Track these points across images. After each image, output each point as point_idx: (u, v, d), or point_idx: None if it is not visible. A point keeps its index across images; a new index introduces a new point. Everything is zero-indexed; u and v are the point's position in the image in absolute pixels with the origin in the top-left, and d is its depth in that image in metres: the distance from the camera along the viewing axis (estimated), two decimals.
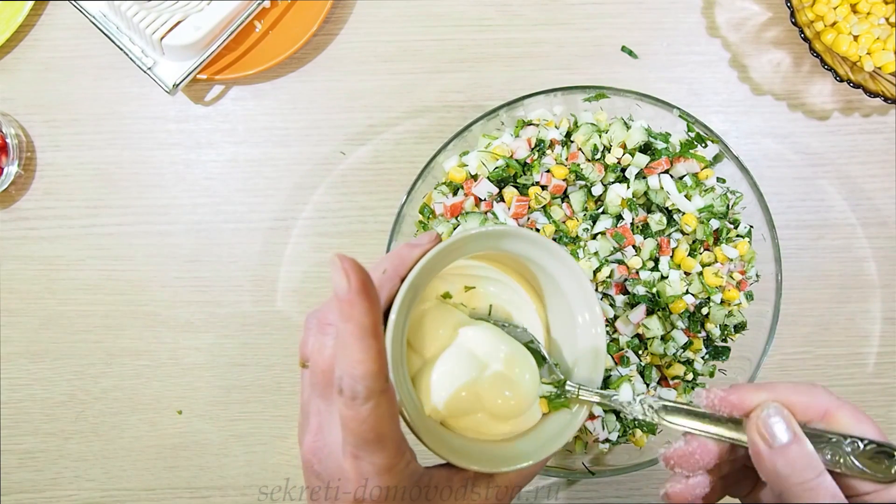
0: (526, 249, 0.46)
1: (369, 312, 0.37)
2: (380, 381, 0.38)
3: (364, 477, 0.41)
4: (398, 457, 0.41)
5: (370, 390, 0.38)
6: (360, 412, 0.38)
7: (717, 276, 0.63)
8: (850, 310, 0.71)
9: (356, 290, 0.36)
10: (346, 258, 0.37)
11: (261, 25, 0.70)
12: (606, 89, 0.63)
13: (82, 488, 0.72)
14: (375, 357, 0.37)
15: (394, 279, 0.43)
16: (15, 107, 0.72)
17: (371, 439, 0.40)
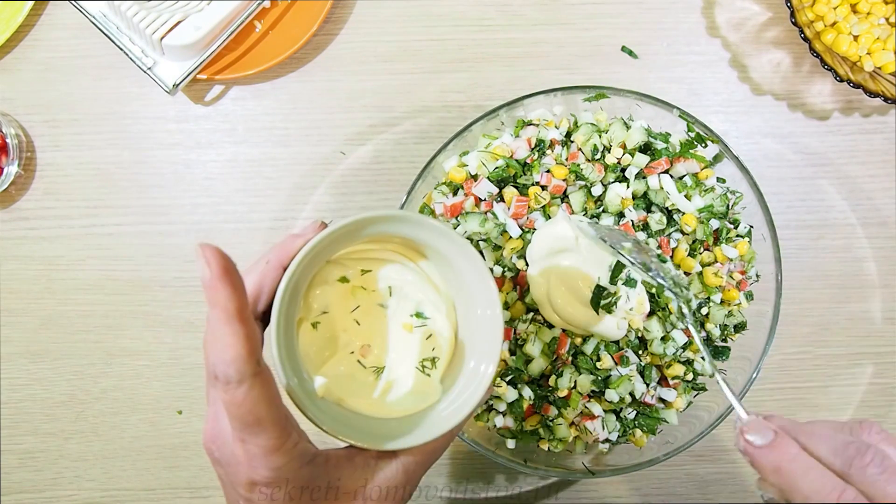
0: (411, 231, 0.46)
1: (233, 297, 0.38)
2: (251, 363, 0.39)
3: (252, 459, 0.42)
4: (282, 437, 0.41)
5: (241, 373, 0.39)
6: (236, 396, 0.39)
7: (717, 276, 0.63)
8: (850, 310, 0.71)
9: (217, 276, 0.38)
10: (207, 246, 0.38)
11: (261, 25, 0.70)
12: (606, 89, 0.63)
13: (82, 488, 0.72)
14: (244, 341, 0.38)
15: (277, 269, 0.44)
16: (15, 107, 0.72)
17: (250, 422, 0.40)
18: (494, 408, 0.65)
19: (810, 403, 0.71)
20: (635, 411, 0.65)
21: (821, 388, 0.71)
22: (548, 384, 0.63)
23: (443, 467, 0.72)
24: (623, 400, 0.63)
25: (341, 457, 0.46)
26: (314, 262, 0.45)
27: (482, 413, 0.65)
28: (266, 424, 0.41)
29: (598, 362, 0.62)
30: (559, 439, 0.65)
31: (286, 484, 0.43)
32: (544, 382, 0.64)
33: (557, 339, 0.62)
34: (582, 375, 0.62)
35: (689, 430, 0.64)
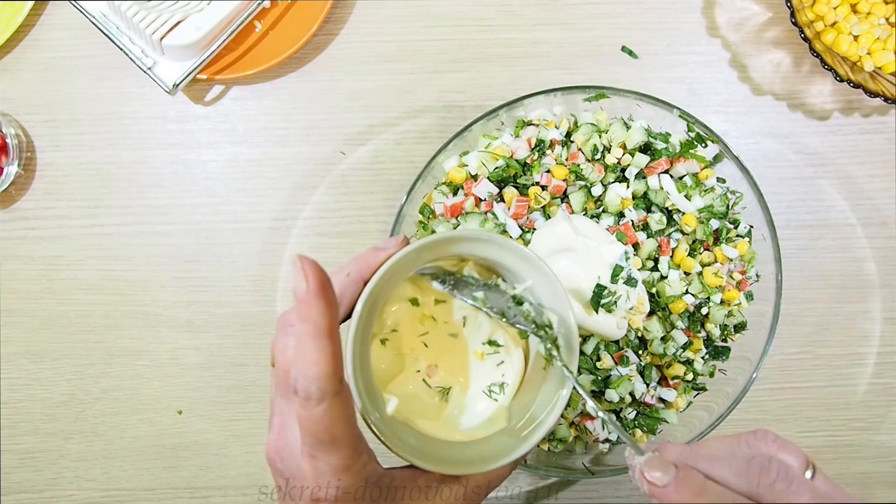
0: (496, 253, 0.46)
1: (325, 314, 0.37)
2: (333, 382, 0.38)
3: (320, 476, 0.41)
4: (354, 457, 0.41)
5: (323, 391, 0.38)
6: (314, 413, 0.39)
7: (717, 276, 0.63)
8: (850, 310, 0.71)
9: (313, 292, 0.37)
10: (306, 259, 0.37)
11: (261, 25, 0.70)
12: (606, 89, 0.63)
13: (82, 488, 0.72)
14: (329, 358, 0.38)
15: (358, 282, 0.44)
16: (15, 107, 0.72)
17: (325, 440, 0.40)
18: None
19: (810, 403, 0.71)
20: (635, 411, 0.65)
21: (821, 388, 0.71)
22: None
23: None
24: (623, 400, 0.63)
25: (406, 477, 0.45)
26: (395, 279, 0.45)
27: None
28: (341, 444, 0.40)
29: (598, 362, 0.62)
30: (559, 439, 0.65)
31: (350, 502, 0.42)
32: None
33: None
34: (582, 375, 0.62)
35: (689, 430, 0.64)
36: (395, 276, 0.44)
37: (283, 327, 0.44)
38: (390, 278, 0.43)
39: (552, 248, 0.60)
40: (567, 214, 0.62)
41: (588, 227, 0.60)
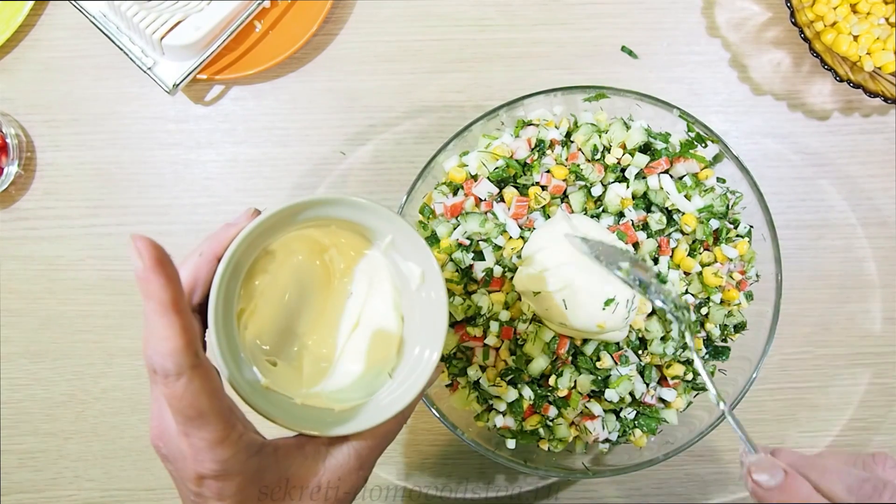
0: (349, 214, 0.46)
1: (167, 288, 0.37)
2: (188, 356, 0.38)
3: (198, 453, 0.41)
4: (226, 430, 0.41)
5: (179, 366, 0.38)
6: (176, 389, 0.39)
7: (717, 276, 0.63)
8: (850, 310, 0.71)
9: (150, 267, 0.37)
10: (139, 237, 0.37)
11: (261, 25, 0.70)
12: (606, 89, 0.63)
13: (82, 488, 0.72)
14: (180, 332, 0.38)
15: (212, 260, 0.43)
16: (15, 107, 0.72)
17: (192, 415, 0.40)
18: (494, 408, 0.65)
19: (810, 403, 0.71)
20: (635, 411, 0.65)
21: (821, 388, 0.71)
22: (548, 384, 0.63)
23: (443, 467, 0.72)
24: (623, 400, 0.63)
25: (291, 446, 0.45)
26: (250, 251, 0.45)
27: (482, 413, 0.65)
28: (208, 417, 0.40)
29: (597, 362, 0.62)
30: (559, 439, 0.65)
31: (235, 476, 0.42)
32: (544, 382, 0.64)
33: (557, 339, 0.62)
34: (582, 375, 0.62)
35: (689, 430, 0.64)
36: (251, 247, 0.45)
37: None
38: (245, 251, 0.44)
39: (563, 261, 0.60)
40: (566, 214, 0.62)
41: (588, 227, 0.60)
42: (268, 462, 0.43)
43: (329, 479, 0.45)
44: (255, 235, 0.43)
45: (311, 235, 0.49)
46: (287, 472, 0.44)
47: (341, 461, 0.45)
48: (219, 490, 0.42)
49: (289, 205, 0.44)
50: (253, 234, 0.43)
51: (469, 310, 0.63)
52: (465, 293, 0.64)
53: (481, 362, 0.63)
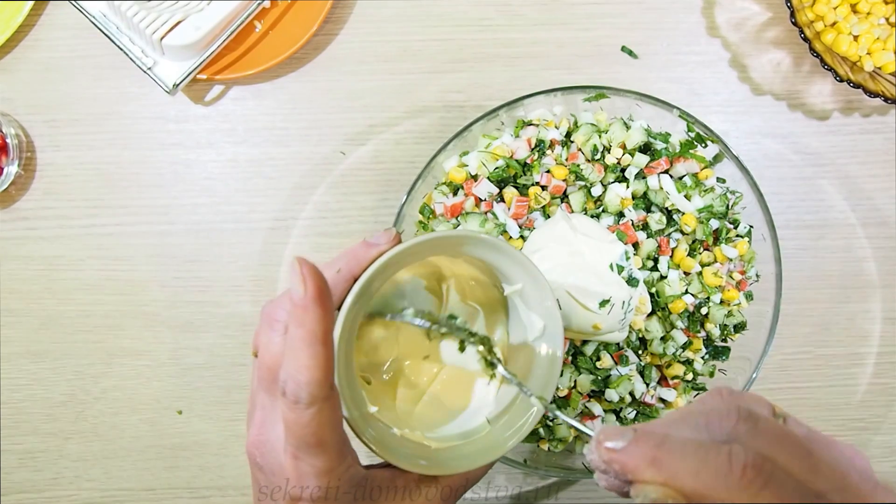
0: (488, 255, 0.46)
1: (322, 320, 0.37)
2: (324, 388, 0.38)
3: (302, 477, 0.41)
4: (338, 460, 0.41)
5: (314, 397, 0.38)
6: (302, 417, 0.39)
7: (717, 276, 0.63)
8: (850, 310, 0.71)
9: (311, 297, 0.37)
10: (305, 263, 0.37)
11: (261, 25, 0.70)
12: (606, 89, 0.63)
13: (82, 488, 0.72)
14: (322, 364, 0.38)
15: (348, 279, 0.43)
16: (15, 107, 0.72)
17: (312, 443, 0.40)
18: None
19: (810, 403, 0.71)
20: (635, 411, 0.65)
21: (821, 388, 0.71)
22: None
23: None
24: (623, 400, 0.63)
25: (384, 478, 0.45)
26: (385, 276, 0.44)
27: None
28: (326, 447, 0.40)
29: (597, 362, 0.62)
30: (559, 439, 0.65)
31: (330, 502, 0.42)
32: None
33: None
34: (582, 375, 0.62)
35: None
36: (387, 273, 0.44)
37: (270, 321, 0.43)
38: (382, 275, 0.43)
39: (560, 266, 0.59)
40: (566, 214, 0.62)
41: (588, 227, 0.60)
42: (362, 493, 0.44)
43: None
44: (396, 260, 0.42)
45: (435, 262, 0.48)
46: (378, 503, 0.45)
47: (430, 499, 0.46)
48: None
49: (437, 236, 0.43)
50: (395, 259, 0.42)
51: None
52: None
53: None
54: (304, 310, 0.37)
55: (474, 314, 0.49)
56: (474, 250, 0.45)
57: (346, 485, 0.42)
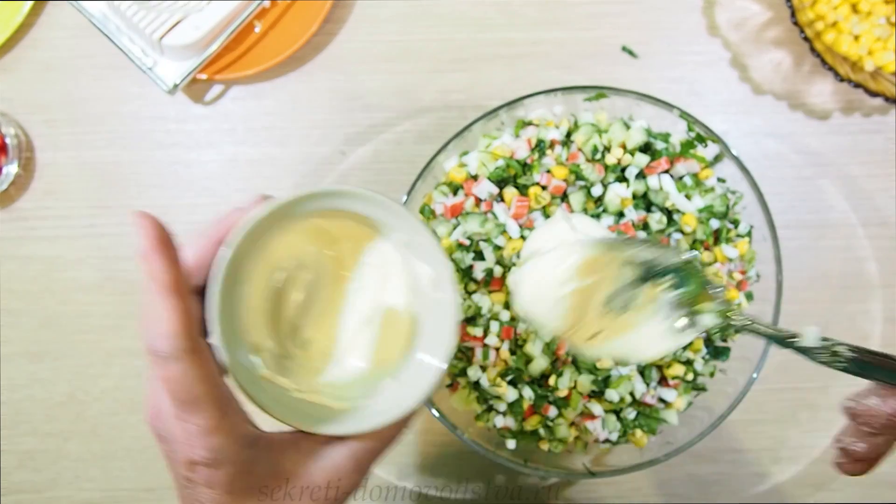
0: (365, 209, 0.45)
1: (167, 269, 0.37)
2: (186, 339, 0.38)
3: (190, 438, 0.40)
4: (220, 417, 0.40)
5: (176, 349, 0.38)
6: (170, 371, 0.39)
7: (717, 276, 0.63)
8: (850, 310, 0.71)
9: (152, 247, 0.37)
10: (143, 214, 0.37)
11: (260, 25, 0.70)
12: (607, 89, 0.63)
13: (82, 488, 0.72)
14: (179, 315, 0.38)
15: (217, 244, 0.43)
16: (14, 107, 0.72)
17: (187, 400, 0.39)
18: (494, 408, 0.65)
19: (811, 403, 0.71)
20: (635, 411, 0.65)
21: (821, 388, 0.71)
22: (548, 384, 0.63)
23: (443, 467, 0.72)
24: (623, 400, 0.63)
25: (286, 441, 0.44)
26: (256, 237, 0.44)
27: (482, 413, 0.65)
28: (202, 403, 0.40)
29: (597, 362, 0.62)
30: (559, 439, 0.64)
31: (226, 465, 0.41)
32: (544, 382, 0.64)
33: (557, 338, 0.62)
34: (582, 375, 0.62)
35: (690, 430, 0.64)
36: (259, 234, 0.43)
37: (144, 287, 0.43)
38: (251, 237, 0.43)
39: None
40: (566, 213, 0.62)
41: (588, 227, 0.60)
42: (261, 455, 0.43)
43: (323, 479, 0.44)
44: (261, 222, 0.42)
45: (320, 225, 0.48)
46: (280, 467, 0.43)
47: (337, 462, 0.44)
48: (208, 477, 0.42)
49: (299, 195, 0.43)
50: (259, 220, 0.42)
51: (469, 310, 0.63)
52: (466, 293, 0.64)
53: (481, 362, 0.63)
54: (148, 260, 0.37)
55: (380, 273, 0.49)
56: (346, 205, 0.45)
57: (236, 443, 0.41)
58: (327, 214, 0.46)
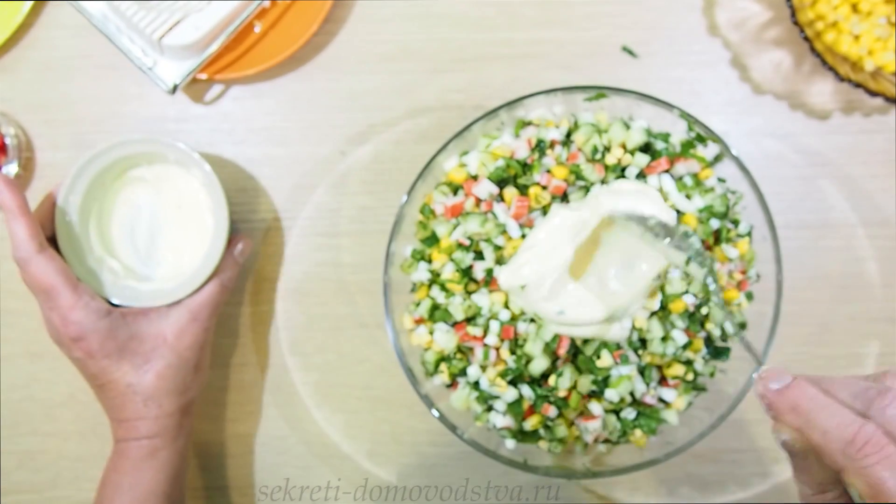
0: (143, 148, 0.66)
1: (14, 197, 0.56)
2: (34, 243, 0.56)
3: (63, 320, 0.57)
4: (75, 297, 0.57)
5: (28, 252, 0.56)
6: (30, 270, 0.56)
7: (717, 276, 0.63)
8: (850, 310, 0.71)
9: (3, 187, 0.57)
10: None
11: (260, 25, 0.69)
12: (607, 89, 0.63)
13: (82, 488, 0.72)
14: (27, 228, 0.56)
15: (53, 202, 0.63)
16: (14, 107, 0.72)
17: (47, 288, 0.57)
18: (494, 408, 0.65)
19: None
20: (635, 411, 0.65)
21: None
22: (548, 384, 0.63)
23: (442, 467, 0.72)
24: (623, 400, 0.63)
25: (137, 312, 0.61)
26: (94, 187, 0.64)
27: (482, 413, 0.65)
28: (58, 288, 0.56)
29: (597, 361, 0.62)
30: (559, 439, 0.65)
31: (93, 334, 0.57)
32: (544, 382, 0.64)
33: (557, 338, 0.62)
34: (582, 375, 0.62)
35: (690, 430, 0.64)
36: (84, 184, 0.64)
37: None
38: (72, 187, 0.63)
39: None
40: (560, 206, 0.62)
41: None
42: (118, 323, 0.59)
43: (171, 333, 0.61)
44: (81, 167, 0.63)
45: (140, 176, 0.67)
46: (136, 329, 0.60)
47: (178, 317, 0.61)
48: (86, 348, 0.58)
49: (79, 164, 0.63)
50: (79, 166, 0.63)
51: (469, 310, 0.63)
52: (466, 293, 0.64)
53: (481, 362, 0.63)
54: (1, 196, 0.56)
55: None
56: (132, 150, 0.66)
57: (93, 314, 0.58)
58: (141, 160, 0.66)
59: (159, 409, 0.60)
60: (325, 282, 0.72)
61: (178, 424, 0.62)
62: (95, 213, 0.66)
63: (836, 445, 0.39)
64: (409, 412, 0.71)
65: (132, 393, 0.59)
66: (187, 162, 0.65)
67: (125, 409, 0.60)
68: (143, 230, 0.67)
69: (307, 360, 0.72)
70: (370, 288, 0.71)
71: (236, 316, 0.72)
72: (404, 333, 0.66)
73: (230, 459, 0.72)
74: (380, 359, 0.71)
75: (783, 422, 0.42)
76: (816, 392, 0.41)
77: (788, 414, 0.41)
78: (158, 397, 0.60)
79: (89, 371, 0.60)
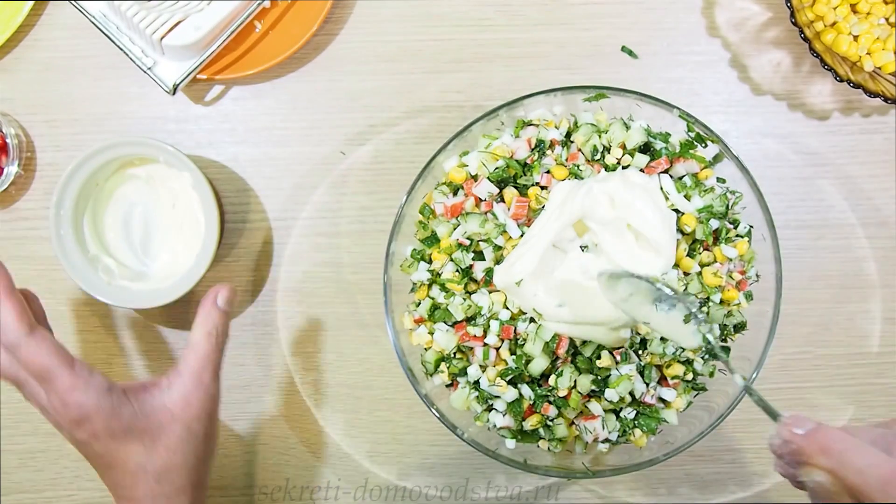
0: (134, 151, 0.66)
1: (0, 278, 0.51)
2: (22, 326, 0.50)
3: (64, 404, 0.51)
4: (74, 376, 0.51)
5: (17, 335, 0.50)
6: (23, 354, 0.51)
7: (717, 276, 0.63)
8: (850, 310, 0.71)
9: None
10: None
11: (261, 25, 0.70)
12: (606, 89, 0.63)
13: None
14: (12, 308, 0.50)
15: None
16: (15, 107, 0.72)
17: (42, 371, 0.51)
18: (494, 407, 0.65)
19: (810, 403, 0.71)
20: (635, 411, 0.65)
21: (821, 388, 0.71)
22: (548, 384, 0.63)
23: (443, 467, 0.72)
24: (623, 400, 0.63)
25: (136, 387, 0.55)
26: (74, 186, 0.65)
27: (482, 413, 0.65)
28: (56, 370, 0.51)
29: (597, 361, 0.62)
30: (559, 439, 0.65)
31: (96, 414, 0.52)
32: (544, 382, 0.64)
33: (557, 338, 0.62)
34: (582, 375, 0.62)
35: (689, 430, 0.64)
36: (78, 190, 0.66)
37: None
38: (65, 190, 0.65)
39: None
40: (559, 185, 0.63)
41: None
42: (121, 400, 0.53)
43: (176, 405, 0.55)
44: (71, 172, 0.65)
45: (134, 174, 0.68)
46: (140, 407, 0.54)
47: (182, 387, 0.55)
48: (91, 430, 0.52)
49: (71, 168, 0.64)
50: (69, 172, 0.65)
51: (469, 310, 0.63)
52: (466, 293, 0.64)
53: (481, 362, 0.64)
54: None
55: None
56: (124, 151, 0.66)
57: (95, 393, 0.51)
58: (135, 160, 0.68)
59: (172, 486, 0.55)
60: (325, 282, 0.72)
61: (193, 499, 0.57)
62: (90, 213, 0.67)
63: (874, 483, 0.40)
64: (409, 412, 0.71)
65: (142, 472, 0.54)
66: (177, 163, 0.65)
67: (136, 489, 0.55)
68: (137, 226, 0.69)
69: (307, 360, 0.72)
70: (370, 288, 0.71)
71: (236, 316, 0.72)
72: (404, 333, 0.66)
73: (230, 459, 0.72)
74: (380, 359, 0.71)
75: (814, 465, 0.42)
76: (844, 434, 0.42)
77: (819, 456, 0.42)
78: (170, 473, 0.55)
79: (94, 452, 0.54)
